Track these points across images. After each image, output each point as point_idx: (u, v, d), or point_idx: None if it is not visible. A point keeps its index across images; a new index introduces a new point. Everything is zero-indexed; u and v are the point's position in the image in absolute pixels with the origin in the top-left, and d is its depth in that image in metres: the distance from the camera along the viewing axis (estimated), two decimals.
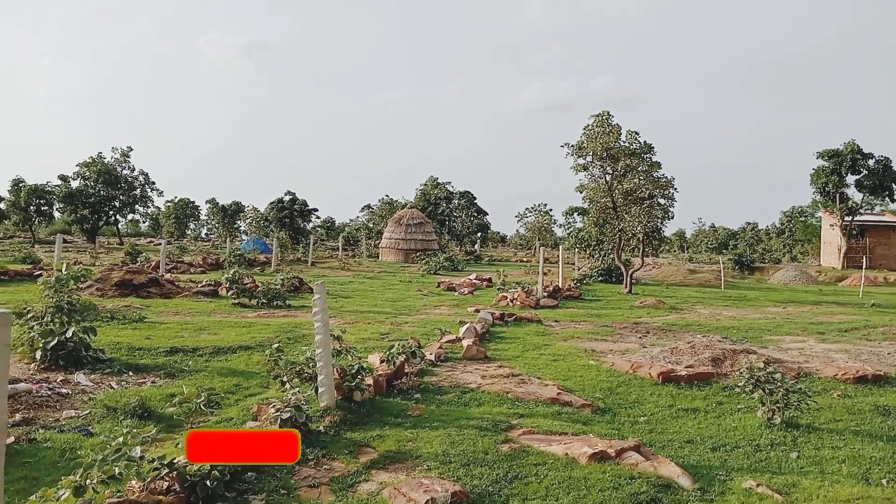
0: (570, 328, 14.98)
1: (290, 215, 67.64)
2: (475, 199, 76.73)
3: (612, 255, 30.99)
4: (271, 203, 69.70)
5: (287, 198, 68.89)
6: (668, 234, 30.12)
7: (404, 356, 9.37)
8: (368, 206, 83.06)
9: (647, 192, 26.16)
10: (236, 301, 17.85)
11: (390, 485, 5.36)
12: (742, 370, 8.00)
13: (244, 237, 73.60)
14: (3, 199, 63.88)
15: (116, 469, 4.48)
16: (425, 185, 72.13)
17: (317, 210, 72.31)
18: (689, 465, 6.07)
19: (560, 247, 30.19)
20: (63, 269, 10.41)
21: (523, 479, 5.59)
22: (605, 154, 26.12)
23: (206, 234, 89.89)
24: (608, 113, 26.36)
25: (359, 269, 36.42)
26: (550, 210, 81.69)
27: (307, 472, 5.68)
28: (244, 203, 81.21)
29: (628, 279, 26.67)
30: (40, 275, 23.28)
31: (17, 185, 63.60)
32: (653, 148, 26.55)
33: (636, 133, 26.28)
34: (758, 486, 5.60)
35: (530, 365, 10.36)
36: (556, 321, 16.07)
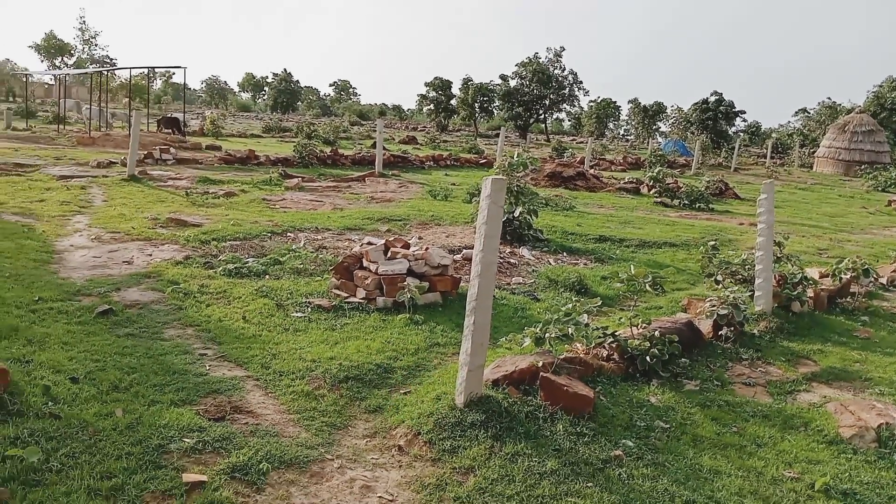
0: None
1: (714, 117, 64.09)
2: None
3: None
4: (695, 104, 66.78)
5: (713, 98, 65.23)
6: None
7: (852, 273, 8.41)
8: (804, 110, 73.95)
9: None
10: (658, 200, 17.92)
11: (835, 400, 5.00)
12: None
13: (660, 139, 72.51)
14: (455, 96, 73.29)
15: (569, 329, 4.99)
16: (880, 86, 60.99)
17: (743, 113, 67.20)
18: None
19: None
20: (514, 157, 11.65)
21: None
22: None
23: (622, 134, 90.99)
24: None
25: (788, 179, 33.19)
26: None
27: (741, 371, 5.61)
28: (666, 103, 79.46)
29: None
30: (484, 163, 26.77)
31: (466, 83, 72.20)
32: None
33: None
34: None
35: None
36: None
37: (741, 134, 68.80)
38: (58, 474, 3.29)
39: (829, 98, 65.63)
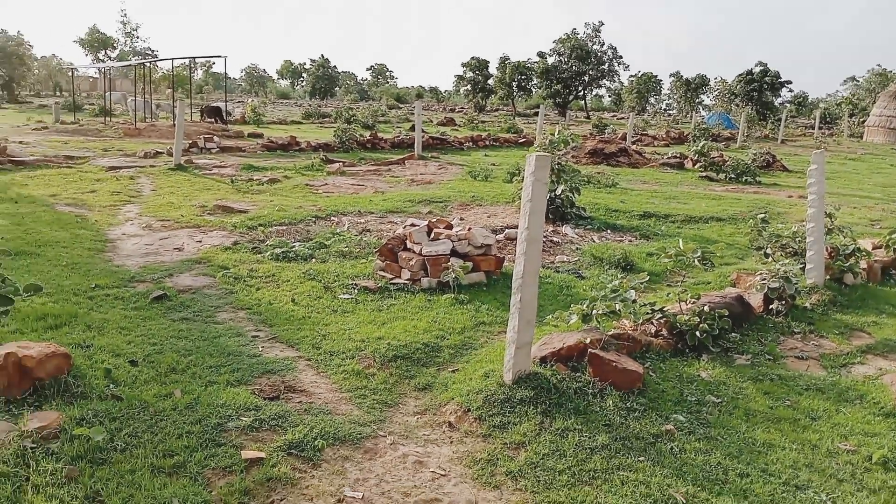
0: None
1: (759, 88, 62.39)
2: None
3: None
4: (739, 75, 65.17)
5: (757, 69, 63.51)
6: None
7: None
8: (853, 79, 71.74)
9: None
10: (703, 174, 17.59)
11: (891, 372, 4.90)
12: None
13: (703, 112, 70.92)
14: (493, 76, 72.76)
15: (616, 306, 4.96)
16: None
17: (790, 83, 65.30)
18: None
19: None
20: (555, 134, 11.54)
21: None
22: None
23: (664, 108, 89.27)
24: None
25: (837, 150, 32.24)
26: None
27: (793, 344, 5.52)
28: (709, 76, 77.63)
29: None
30: (523, 142, 26.61)
31: (503, 62, 71.59)
32: None
33: None
34: None
35: None
36: None
37: (787, 105, 66.88)
38: (122, 453, 3.42)
39: (878, 65, 63.47)
